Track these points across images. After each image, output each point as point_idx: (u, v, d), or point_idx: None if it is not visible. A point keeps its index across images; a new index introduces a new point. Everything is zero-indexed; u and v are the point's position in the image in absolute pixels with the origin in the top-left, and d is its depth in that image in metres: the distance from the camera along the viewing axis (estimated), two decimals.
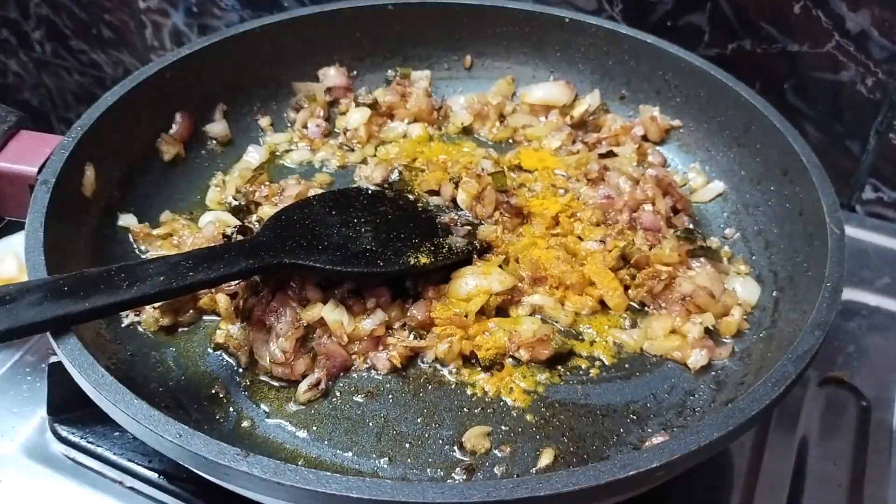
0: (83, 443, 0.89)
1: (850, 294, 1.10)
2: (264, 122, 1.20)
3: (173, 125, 1.11)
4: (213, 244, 0.95)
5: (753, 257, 1.01)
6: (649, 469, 0.64)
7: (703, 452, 0.66)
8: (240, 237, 0.96)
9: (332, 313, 0.88)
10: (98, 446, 0.88)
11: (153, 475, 0.86)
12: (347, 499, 0.62)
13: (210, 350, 0.90)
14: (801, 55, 1.17)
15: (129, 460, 0.87)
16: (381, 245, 0.93)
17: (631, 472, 0.63)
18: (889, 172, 1.22)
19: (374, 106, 1.18)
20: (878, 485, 0.91)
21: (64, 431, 0.90)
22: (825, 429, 0.96)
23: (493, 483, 0.62)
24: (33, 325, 0.73)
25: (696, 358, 0.89)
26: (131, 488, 0.87)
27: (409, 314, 0.91)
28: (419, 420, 0.84)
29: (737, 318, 0.93)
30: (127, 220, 1.01)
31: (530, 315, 0.93)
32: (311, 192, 1.05)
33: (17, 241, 1.03)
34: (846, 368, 1.02)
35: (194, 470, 0.69)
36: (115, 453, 0.87)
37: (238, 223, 1.01)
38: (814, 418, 0.97)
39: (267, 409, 0.85)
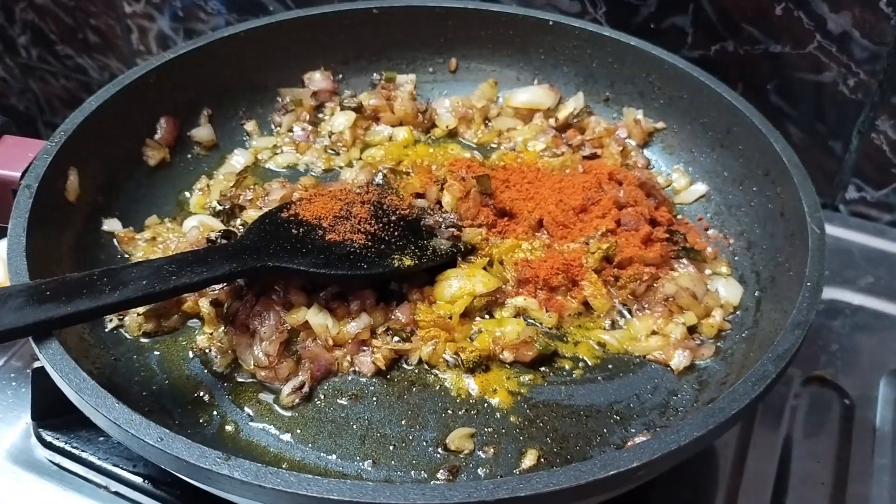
0: (68, 448, 0.88)
1: (833, 293, 1.11)
2: (250, 126, 1.20)
3: (158, 130, 1.10)
4: (197, 248, 0.94)
5: (736, 258, 1.02)
6: (630, 469, 0.64)
7: (683, 452, 0.66)
8: (224, 241, 0.96)
9: (316, 317, 0.88)
10: (83, 451, 0.88)
11: (138, 479, 0.86)
12: (329, 501, 0.62)
13: (191, 355, 0.90)
14: (783, 56, 1.18)
15: (114, 465, 0.87)
16: (364, 248, 0.93)
17: (611, 472, 0.63)
18: (872, 172, 1.23)
19: (359, 109, 1.18)
20: (861, 483, 0.91)
21: (49, 436, 0.89)
22: (809, 427, 0.97)
23: (475, 484, 0.62)
24: (14, 329, 0.73)
25: (679, 359, 0.89)
26: (116, 493, 0.87)
27: (393, 317, 0.91)
28: (403, 422, 0.84)
29: (718, 319, 0.93)
30: (111, 224, 1.01)
31: (514, 316, 0.94)
32: (296, 196, 1.05)
33: (2, 246, 1.03)
34: (830, 367, 1.03)
35: (177, 474, 0.69)
36: (99, 458, 0.87)
37: (222, 227, 1.01)
38: (798, 417, 0.98)
39: (251, 413, 0.85)
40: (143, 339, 0.91)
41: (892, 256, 1.18)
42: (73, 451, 0.88)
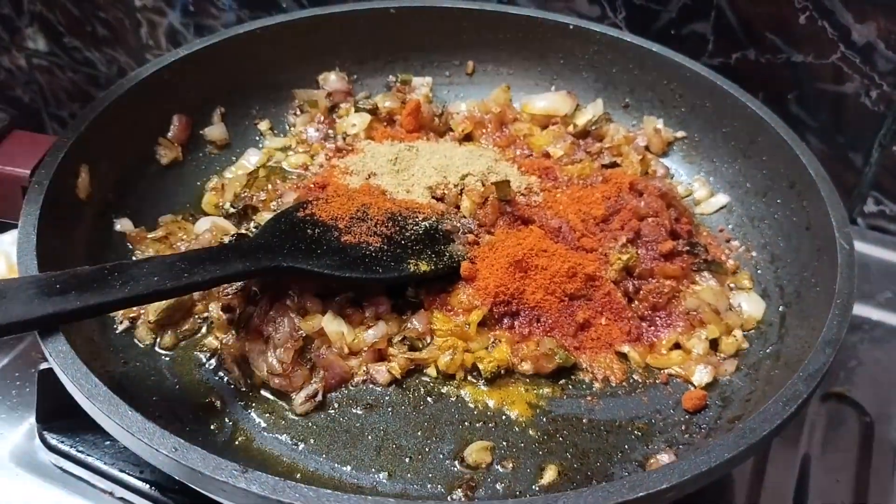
0: (73, 451, 0.86)
1: None
2: (263, 125, 1.18)
3: (171, 128, 1.09)
4: (210, 246, 0.93)
5: (759, 271, 1.00)
6: (659, 490, 0.62)
7: (713, 473, 0.64)
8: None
9: (331, 324, 0.86)
10: (88, 455, 0.86)
11: (144, 486, 0.84)
12: None
13: (203, 359, 0.88)
14: (805, 66, 1.16)
15: (120, 470, 0.85)
16: (380, 251, 0.91)
17: (640, 493, 0.62)
18: (891, 185, 1.21)
19: (374, 111, 1.16)
20: (880, 500, 0.90)
21: (53, 440, 0.87)
22: (828, 444, 0.95)
23: (497, 502, 0.61)
24: (23, 322, 0.71)
25: (701, 375, 0.87)
26: (121, 499, 0.85)
27: (409, 325, 0.90)
28: (419, 434, 0.82)
29: (739, 336, 0.91)
30: (123, 224, 0.99)
31: None
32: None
33: (7, 239, 1.01)
34: (848, 383, 1.01)
35: (189, 484, 0.67)
36: (105, 463, 0.85)
37: (236, 231, 0.99)
38: (816, 434, 0.96)
39: (263, 421, 0.83)
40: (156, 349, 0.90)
41: None
42: (78, 454, 0.86)
